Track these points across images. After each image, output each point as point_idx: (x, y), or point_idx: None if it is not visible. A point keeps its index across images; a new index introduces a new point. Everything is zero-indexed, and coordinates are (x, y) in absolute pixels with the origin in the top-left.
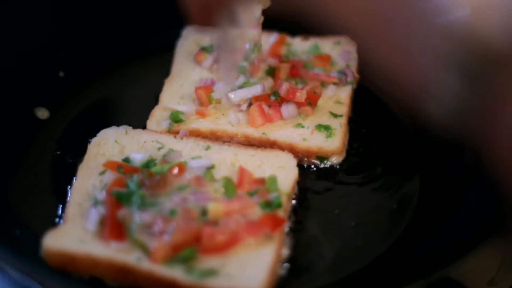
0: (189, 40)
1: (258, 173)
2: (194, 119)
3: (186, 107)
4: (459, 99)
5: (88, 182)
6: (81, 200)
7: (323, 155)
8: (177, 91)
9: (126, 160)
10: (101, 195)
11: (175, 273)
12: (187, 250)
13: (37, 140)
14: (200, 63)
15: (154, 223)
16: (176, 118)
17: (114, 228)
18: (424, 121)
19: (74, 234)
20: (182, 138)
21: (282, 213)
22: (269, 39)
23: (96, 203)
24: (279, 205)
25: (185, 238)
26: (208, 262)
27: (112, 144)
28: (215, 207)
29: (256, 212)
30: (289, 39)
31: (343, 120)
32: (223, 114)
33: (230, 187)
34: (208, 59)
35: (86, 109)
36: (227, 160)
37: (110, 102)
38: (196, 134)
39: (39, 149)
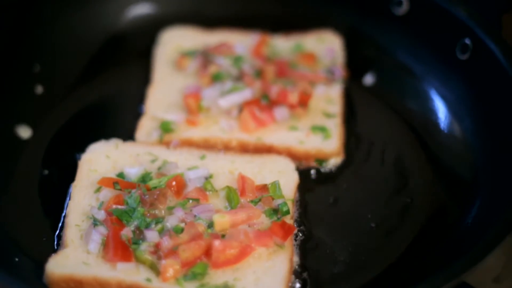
0: (168, 46)
1: (258, 180)
2: (184, 128)
3: (175, 116)
4: None
5: (84, 202)
6: (78, 221)
7: (322, 157)
8: (162, 100)
9: (121, 175)
10: (100, 215)
11: None
12: (198, 265)
13: (21, 162)
14: (183, 69)
15: (161, 241)
16: (166, 128)
17: (118, 248)
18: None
19: (77, 258)
20: (175, 149)
21: (289, 220)
22: (250, 40)
23: (95, 223)
24: (287, 212)
25: (194, 254)
26: (220, 277)
27: (103, 160)
28: (220, 219)
29: (262, 220)
30: (270, 39)
31: (338, 120)
32: (214, 122)
33: (234, 197)
34: (191, 65)
35: (67, 123)
36: (225, 169)
37: (90, 113)
38: (188, 144)
39: (25, 171)
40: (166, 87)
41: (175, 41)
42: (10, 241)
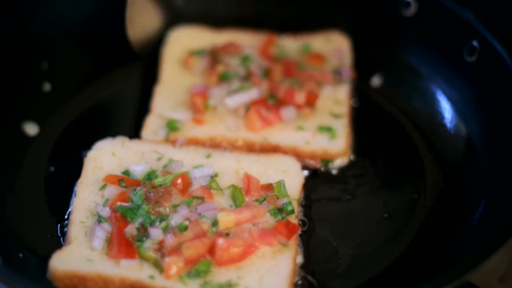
0: (176, 45)
1: (263, 179)
2: (191, 127)
3: (181, 114)
4: None
5: (89, 199)
6: (83, 218)
7: (328, 157)
8: (169, 99)
9: (126, 173)
10: (105, 212)
11: None
12: (201, 263)
13: (28, 158)
14: (190, 69)
15: (164, 238)
16: (172, 126)
17: (122, 245)
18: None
19: (81, 254)
20: (181, 147)
21: (294, 219)
22: (258, 39)
23: (100, 220)
24: (291, 211)
25: (198, 252)
26: (224, 275)
27: (109, 157)
28: (225, 217)
29: (267, 219)
30: (278, 39)
31: (344, 121)
32: (220, 121)
33: (239, 195)
34: (199, 64)
35: (74, 121)
36: (231, 168)
37: (97, 111)
38: (194, 142)
39: (31, 167)
40: (173, 86)
41: (183, 41)
42: (15, 237)
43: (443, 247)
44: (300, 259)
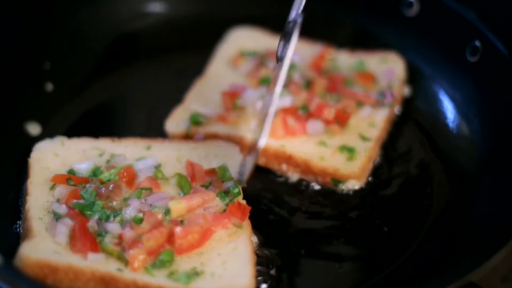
0: (232, 44)
1: (205, 165)
2: (213, 124)
3: (209, 110)
4: None
5: (42, 198)
6: (41, 215)
7: (338, 178)
8: (205, 94)
9: (71, 172)
10: (62, 209)
11: (159, 279)
12: (164, 253)
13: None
14: (237, 68)
15: (123, 232)
16: (195, 120)
17: (87, 240)
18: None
19: (48, 247)
20: (120, 141)
21: (241, 200)
22: (313, 50)
23: (57, 217)
24: (238, 194)
25: (158, 242)
26: (187, 263)
27: (52, 157)
28: (177, 205)
29: (217, 204)
30: (334, 53)
31: (370, 144)
32: (245, 122)
33: (185, 183)
34: (245, 65)
35: (76, 121)
36: (172, 157)
37: (100, 111)
38: (212, 138)
39: None
40: (214, 83)
41: (240, 41)
42: (17, 236)
43: (445, 247)
44: (255, 239)
